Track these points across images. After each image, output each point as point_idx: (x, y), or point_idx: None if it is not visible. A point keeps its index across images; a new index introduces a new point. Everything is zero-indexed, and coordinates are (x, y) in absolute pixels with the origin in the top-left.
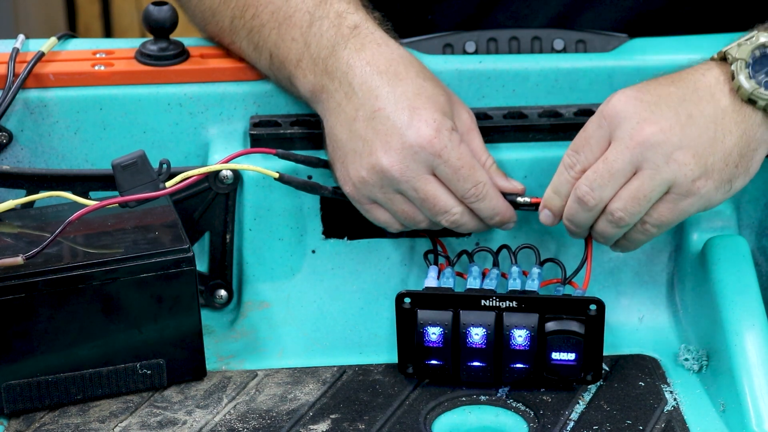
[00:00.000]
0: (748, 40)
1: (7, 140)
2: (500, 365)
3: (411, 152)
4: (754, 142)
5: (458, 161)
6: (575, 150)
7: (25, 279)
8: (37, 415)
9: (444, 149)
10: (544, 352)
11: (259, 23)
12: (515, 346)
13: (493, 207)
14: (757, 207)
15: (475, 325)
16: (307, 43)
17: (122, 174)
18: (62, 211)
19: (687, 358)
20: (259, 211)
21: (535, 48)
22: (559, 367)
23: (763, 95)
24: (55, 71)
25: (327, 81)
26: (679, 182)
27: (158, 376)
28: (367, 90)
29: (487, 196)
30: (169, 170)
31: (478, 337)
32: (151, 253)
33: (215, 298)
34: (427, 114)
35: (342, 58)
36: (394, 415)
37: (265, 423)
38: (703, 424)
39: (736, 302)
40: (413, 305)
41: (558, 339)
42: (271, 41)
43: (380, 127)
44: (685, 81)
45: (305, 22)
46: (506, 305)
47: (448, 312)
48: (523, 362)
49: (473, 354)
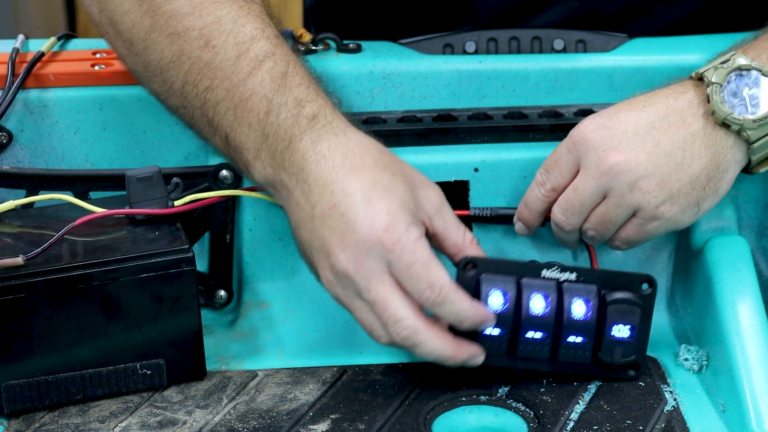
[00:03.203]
0: (725, 62)
1: (7, 140)
2: (558, 338)
3: (365, 248)
4: (724, 163)
5: (411, 256)
6: (546, 169)
7: (25, 279)
8: (37, 415)
9: (396, 243)
10: (603, 324)
11: (213, 98)
12: (575, 318)
13: (458, 311)
14: (757, 207)
15: (537, 291)
16: (264, 133)
17: (135, 186)
18: (63, 212)
19: (687, 358)
20: (259, 211)
21: (535, 48)
22: (614, 345)
23: (736, 120)
24: (55, 71)
25: (285, 176)
26: (643, 208)
27: (158, 376)
28: (322, 186)
29: (447, 299)
30: (182, 189)
31: (539, 306)
32: (151, 253)
33: (215, 298)
34: (381, 206)
35: (298, 152)
36: (394, 415)
37: (265, 423)
38: (703, 424)
39: (736, 302)
40: (477, 271)
41: (617, 310)
42: (227, 122)
43: (335, 225)
44: (657, 105)
45: (263, 108)
46: (565, 277)
47: (511, 277)
48: (583, 335)
49: (533, 323)
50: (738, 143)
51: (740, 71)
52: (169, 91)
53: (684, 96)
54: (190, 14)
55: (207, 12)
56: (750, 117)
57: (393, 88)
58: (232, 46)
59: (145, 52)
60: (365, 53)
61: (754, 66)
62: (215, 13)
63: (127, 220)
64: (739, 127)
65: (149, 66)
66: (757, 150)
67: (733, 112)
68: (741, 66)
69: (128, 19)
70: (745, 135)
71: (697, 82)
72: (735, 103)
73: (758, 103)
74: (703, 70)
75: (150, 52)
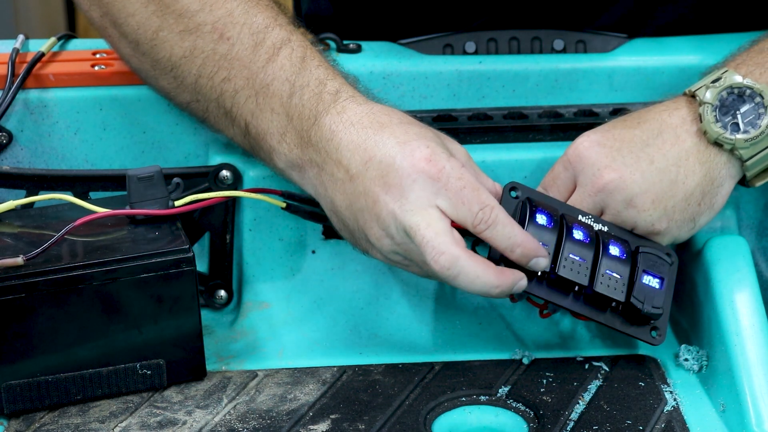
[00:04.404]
0: (717, 80)
1: (7, 140)
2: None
3: (410, 181)
4: (718, 179)
5: (459, 181)
6: (544, 187)
7: (25, 279)
8: (37, 415)
9: (442, 171)
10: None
11: (231, 88)
12: (612, 254)
13: (509, 234)
14: (757, 207)
15: (578, 227)
16: (289, 115)
17: (136, 185)
18: (63, 212)
19: (687, 358)
20: (259, 211)
21: (535, 48)
22: (646, 290)
23: (728, 140)
24: (55, 71)
25: (313, 154)
26: (639, 225)
27: (158, 377)
28: (354, 146)
29: (498, 221)
30: (182, 189)
31: (580, 235)
32: (151, 253)
33: (215, 298)
34: (417, 143)
35: (324, 125)
36: (394, 415)
37: (265, 423)
38: (703, 424)
39: (736, 302)
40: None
41: (648, 260)
42: (247, 110)
43: (374, 174)
44: (651, 122)
45: (285, 92)
46: (599, 227)
47: (554, 208)
48: (618, 272)
49: (575, 246)
50: (732, 159)
51: (732, 89)
52: (180, 86)
53: (677, 113)
54: (200, 10)
55: (217, 6)
56: (742, 137)
57: (393, 88)
58: (248, 37)
59: (153, 51)
60: (365, 53)
61: (747, 84)
62: (225, 6)
63: (128, 220)
64: (732, 146)
65: (158, 64)
66: (751, 167)
67: (724, 132)
68: (733, 84)
69: (134, 20)
70: (738, 154)
71: (691, 99)
72: (727, 123)
73: (750, 121)
74: (695, 87)
75: (159, 50)
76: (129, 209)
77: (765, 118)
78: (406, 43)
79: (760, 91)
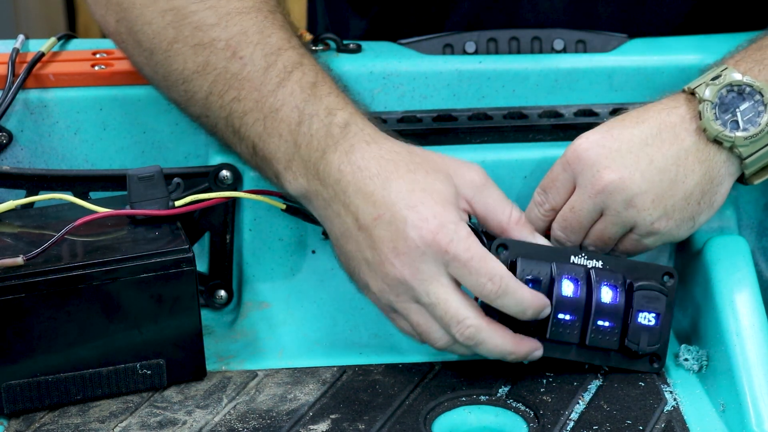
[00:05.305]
0: (717, 78)
1: (7, 140)
2: (587, 322)
3: (419, 253)
4: (718, 178)
5: (466, 253)
6: (543, 189)
7: (25, 279)
8: (37, 415)
9: (450, 243)
10: (629, 311)
11: (240, 109)
12: (603, 303)
13: (519, 300)
14: (757, 207)
15: (567, 276)
16: (296, 143)
17: (136, 185)
18: (63, 212)
19: (687, 358)
20: (259, 211)
21: (535, 48)
22: (641, 331)
23: (727, 137)
24: (55, 71)
25: (320, 187)
26: (639, 225)
27: (158, 377)
28: (362, 197)
29: (509, 289)
30: (182, 189)
31: (569, 289)
32: (151, 253)
33: (215, 298)
34: (426, 210)
35: (332, 163)
36: (394, 415)
37: (265, 423)
38: (703, 424)
39: (736, 302)
40: (511, 254)
41: (644, 297)
42: (255, 133)
43: (383, 234)
44: (650, 121)
45: (294, 119)
46: (593, 264)
47: (543, 262)
48: (610, 320)
49: (564, 305)
50: (731, 158)
51: (732, 87)
52: (191, 100)
53: (676, 111)
54: (216, 25)
55: (233, 23)
56: (741, 134)
57: (393, 89)
58: (260, 58)
59: (166, 62)
60: (365, 53)
61: (746, 81)
62: (241, 24)
63: (128, 220)
64: (731, 144)
65: (170, 76)
66: (750, 165)
67: (724, 129)
68: (733, 82)
69: (150, 29)
70: (737, 152)
71: (690, 96)
72: (726, 120)
73: (750, 119)
74: (695, 85)
75: (172, 62)
76: (129, 209)
77: (764, 115)
78: (406, 43)
79: (759, 88)
